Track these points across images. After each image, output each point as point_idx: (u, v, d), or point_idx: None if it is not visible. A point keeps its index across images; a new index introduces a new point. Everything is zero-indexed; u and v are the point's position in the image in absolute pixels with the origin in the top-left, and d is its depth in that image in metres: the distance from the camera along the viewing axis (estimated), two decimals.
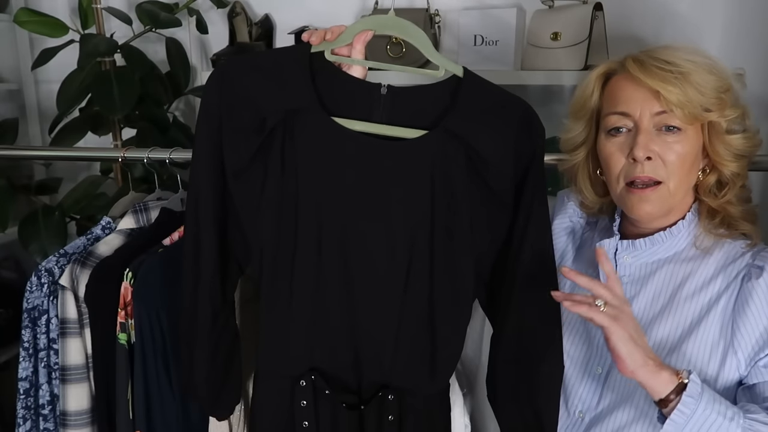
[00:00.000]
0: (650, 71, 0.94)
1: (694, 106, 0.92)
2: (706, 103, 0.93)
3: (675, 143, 0.95)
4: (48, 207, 1.75)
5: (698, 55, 0.96)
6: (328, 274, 0.99)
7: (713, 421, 0.84)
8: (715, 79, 0.94)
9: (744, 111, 0.98)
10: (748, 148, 0.98)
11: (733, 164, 0.97)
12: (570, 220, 1.15)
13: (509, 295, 1.01)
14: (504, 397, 1.05)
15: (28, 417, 1.29)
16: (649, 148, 0.94)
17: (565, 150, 1.10)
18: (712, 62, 0.96)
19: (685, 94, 0.92)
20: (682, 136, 0.95)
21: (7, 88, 2.10)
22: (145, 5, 1.71)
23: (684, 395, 0.84)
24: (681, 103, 0.92)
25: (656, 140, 0.95)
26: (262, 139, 0.97)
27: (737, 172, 0.98)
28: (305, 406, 1.01)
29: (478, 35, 1.62)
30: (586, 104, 1.04)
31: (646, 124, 0.95)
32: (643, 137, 0.95)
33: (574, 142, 1.07)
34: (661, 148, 0.95)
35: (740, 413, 0.85)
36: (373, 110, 0.97)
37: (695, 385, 0.85)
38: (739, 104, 0.98)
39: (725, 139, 0.96)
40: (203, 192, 1.00)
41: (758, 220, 1.02)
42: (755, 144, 1.00)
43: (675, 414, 0.84)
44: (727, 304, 0.96)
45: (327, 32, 0.99)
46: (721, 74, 0.95)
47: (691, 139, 0.96)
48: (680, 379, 0.85)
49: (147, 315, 1.13)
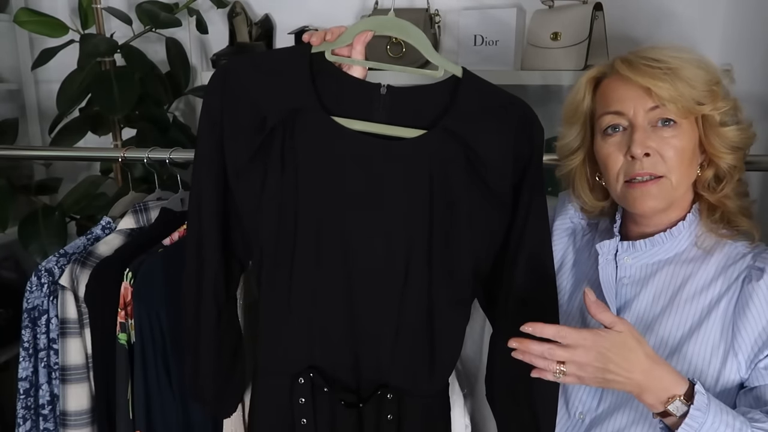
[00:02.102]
0: (640, 69, 0.94)
1: (686, 100, 0.93)
2: (698, 96, 0.93)
3: (672, 138, 0.95)
4: (48, 207, 1.75)
5: (684, 51, 0.97)
6: (327, 273, 0.99)
7: None
8: (704, 73, 0.95)
9: (735, 104, 0.99)
10: (742, 139, 0.99)
11: (729, 156, 0.98)
12: (571, 221, 1.15)
13: (507, 294, 1.01)
14: (502, 397, 1.05)
15: (28, 417, 1.29)
16: (646, 145, 0.94)
17: (561, 156, 1.10)
18: (699, 57, 0.97)
19: (675, 88, 0.92)
20: (678, 129, 0.95)
21: (7, 88, 2.10)
22: (145, 5, 1.70)
23: (692, 408, 0.82)
24: (673, 97, 0.92)
25: (652, 136, 0.95)
26: (263, 138, 0.97)
27: (734, 165, 0.98)
28: (304, 404, 1.02)
29: (478, 35, 1.62)
30: (579, 109, 1.04)
31: (641, 121, 0.95)
32: (639, 134, 0.95)
33: (570, 148, 1.07)
34: (658, 143, 0.95)
35: (747, 423, 0.84)
36: (373, 110, 0.98)
37: (702, 397, 0.83)
38: (729, 98, 0.98)
39: (720, 131, 0.97)
40: (205, 190, 1.01)
41: (755, 216, 1.03)
42: (749, 136, 1.00)
43: (682, 429, 0.82)
44: (727, 306, 0.95)
45: (327, 33, 0.99)
46: (709, 68, 0.96)
47: (687, 132, 0.96)
48: (665, 407, 0.84)
49: (147, 315, 1.13)
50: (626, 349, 0.84)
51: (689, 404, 0.83)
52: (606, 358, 0.83)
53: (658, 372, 0.85)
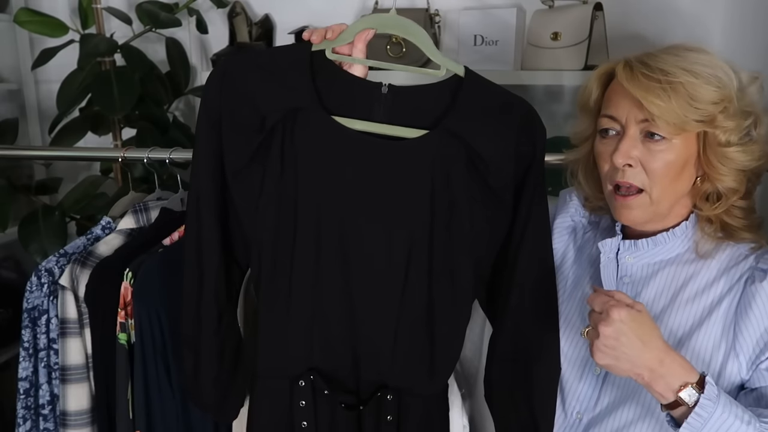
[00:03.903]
0: (635, 79, 0.91)
1: (679, 118, 0.89)
2: (695, 115, 0.89)
3: (659, 152, 0.92)
4: (48, 207, 1.75)
5: (703, 64, 0.91)
6: (326, 274, 0.99)
7: (730, 425, 0.82)
8: (713, 91, 0.89)
9: (756, 119, 0.93)
10: (747, 162, 0.93)
11: (728, 178, 0.93)
12: (572, 219, 1.15)
13: (508, 295, 1.01)
14: (500, 396, 1.05)
15: (28, 417, 1.29)
16: (630, 155, 0.93)
17: (575, 142, 1.09)
18: (713, 73, 0.91)
19: (669, 105, 0.88)
20: (668, 144, 0.92)
21: (7, 88, 2.10)
22: (145, 5, 1.70)
23: (702, 398, 0.82)
24: (662, 114, 0.89)
25: (639, 147, 0.93)
26: (262, 138, 0.97)
27: (733, 187, 0.94)
28: (304, 406, 1.01)
29: (478, 35, 1.62)
30: (588, 102, 1.03)
31: (632, 130, 0.94)
32: (625, 144, 0.93)
33: (583, 136, 1.06)
34: (643, 155, 0.93)
35: (755, 417, 0.84)
36: (374, 109, 0.97)
37: (712, 387, 0.83)
38: (745, 113, 0.92)
39: (719, 151, 0.92)
40: (204, 190, 1.00)
41: (763, 230, 0.99)
42: (756, 158, 0.94)
43: (692, 417, 0.82)
44: (729, 307, 0.95)
45: (328, 31, 0.98)
46: (723, 84, 0.90)
47: (678, 148, 0.93)
48: (677, 395, 0.84)
49: (147, 315, 1.13)
50: (645, 327, 0.85)
51: (700, 393, 0.83)
52: (621, 332, 0.84)
53: (670, 358, 0.85)
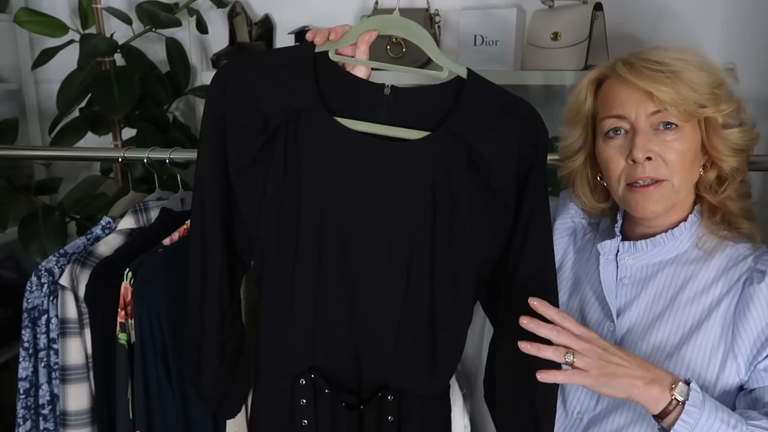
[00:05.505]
0: (641, 73, 0.94)
1: (688, 104, 0.92)
2: (700, 99, 0.93)
3: (674, 141, 0.95)
4: (48, 207, 1.75)
5: (687, 53, 0.96)
6: (329, 274, 0.99)
7: (716, 430, 0.83)
8: (706, 75, 0.94)
9: (739, 105, 0.99)
10: (745, 141, 0.99)
11: (732, 159, 0.98)
12: (572, 220, 1.15)
13: (509, 297, 1.01)
14: (501, 397, 1.05)
15: (28, 417, 1.29)
16: (648, 149, 0.94)
17: (562, 157, 1.10)
18: (702, 59, 0.96)
19: (677, 92, 0.92)
20: (680, 133, 0.95)
21: (7, 88, 2.10)
22: (145, 5, 1.70)
23: (687, 404, 0.83)
24: (674, 101, 0.92)
25: (654, 140, 0.95)
26: (265, 138, 0.97)
27: (736, 167, 0.98)
28: (305, 405, 1.01)
29: (478, 35, 1.62)
30: (580, 110, 1.04)
31: (643, 124, 0.95)
32: (641, 138, 0.95)
33: (572, 149, 1.07)
34: (660, 147, 0.95)
35: (742, 420, 0.85)
36: (376, 111, 0.97)
37: (697, 394, 0.84)
38: (733, 98, 0.98)
39: (722, 133, 0.96)
40: (208, 191, 1.00)
41: (756, 218, 1.03)
42: (752, 138, 1.00)
43: (678, 425, 0.83)
44: (728, 308, 0.95)
45: (331, 32, 0.99)
46: (712, 70, 0.96)
47: (689, 135, 0.96)
48: (672, 394, 0.84)
49: (147, 315, 1.13)
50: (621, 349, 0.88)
51: (690, 390, 0.84)
52: (608, 350, 0.86)
53: (655, 368, 0.87)
